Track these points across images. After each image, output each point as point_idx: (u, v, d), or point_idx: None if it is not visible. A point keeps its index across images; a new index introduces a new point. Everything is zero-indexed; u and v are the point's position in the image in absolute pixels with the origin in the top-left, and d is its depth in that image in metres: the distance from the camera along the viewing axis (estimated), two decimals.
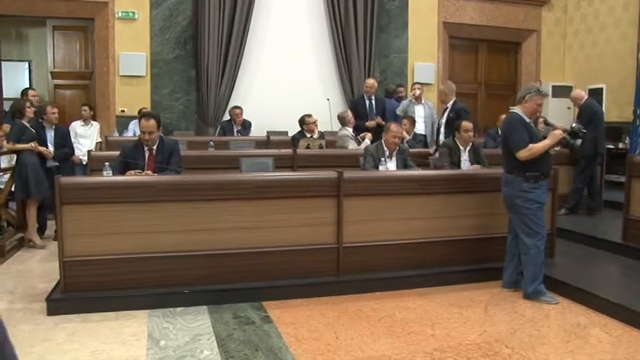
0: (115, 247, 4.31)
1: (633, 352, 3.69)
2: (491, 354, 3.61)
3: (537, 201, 4.54)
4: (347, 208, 4.78)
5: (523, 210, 4.54)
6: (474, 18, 10.82)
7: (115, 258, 4.31)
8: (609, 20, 10.51)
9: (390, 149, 5.83)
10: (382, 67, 10.20)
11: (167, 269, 4.40)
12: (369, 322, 4.12)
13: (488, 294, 4.77)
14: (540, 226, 4.59)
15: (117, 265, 4.32)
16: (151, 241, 4.37)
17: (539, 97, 4.59)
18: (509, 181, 4.63)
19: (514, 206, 4.60)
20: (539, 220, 4.57)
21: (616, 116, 10.15)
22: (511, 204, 4.62)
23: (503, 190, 4.70)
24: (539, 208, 4.57)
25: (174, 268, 4.42)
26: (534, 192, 4.54)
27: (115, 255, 4.31)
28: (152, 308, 4.26)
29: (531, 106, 4.59)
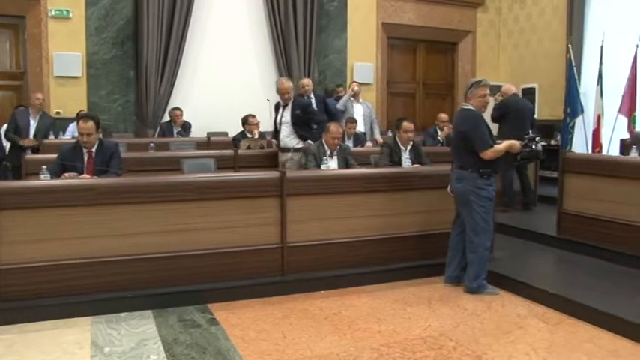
0: (55, 253, 4.18)
1: (569, 339, 3.87)
2: (436, 347, 3.69)
3: (489, 198, 4.65)
4: (290, 208, 4.79)
5: (475, 206, 4.63)
6: (412, 19, 11.02)
7: (55, 264, 4.17)
8: (540, 22, 10.90)
9: (330, 149, 5.88)
10: (322, 67, 10.27)
11: (109, 274, 4.30)
12: (316, 321, 4.15)
13: (431, 289, 4.87)
14: (489, 224, 4.72)
15: (57, 272, 4.18)
16: (92, 245, 4.26)
17: (481, 87, 4.69)
18: (463, 177, 4.69)
19: (468, 202, 4.66)
20: (489, 218, 4.69)
21: (548, 114, 10.54)
22: (465, 200, 4.69)
23: (456, 186, 4.75)
24: (491, 205, 4.69)
25: (117, 272, 4.32)
26: (487, 189, 4.65)
27: (55, 261, 4.17)
28: (95, 314, 4.15)
29: (478, 99, 4.69)
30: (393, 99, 11.13)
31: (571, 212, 5.95)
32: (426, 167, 5.90)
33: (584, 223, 5.77)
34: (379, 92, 10.77)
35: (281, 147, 6.45)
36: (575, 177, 5.95)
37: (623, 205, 5.39)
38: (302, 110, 6.45)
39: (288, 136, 6.41)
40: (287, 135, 6.40)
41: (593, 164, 5.92)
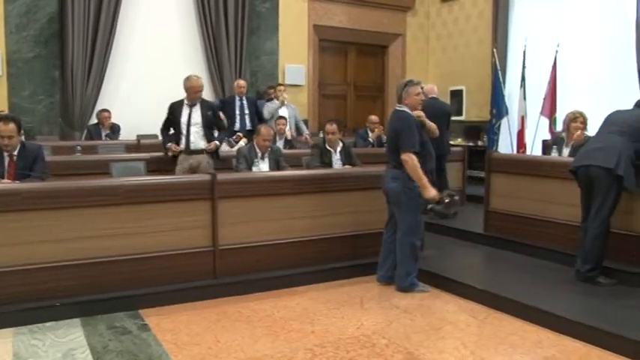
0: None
1: (496, 332, 4.02)
2: (369, 346, 3.74)
3: (420, 197, 4.70)
4: (222, 211, 4.76)
5: (407, 206, 4.69)
6: (343, 21, 11.12)
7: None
8: (467, 27, 11.22)
9: (262, 151, 5.87)
10: (253, 69, 10.21)
11: (33, 282, 4.13)
12: (249, 323, 4.13)
13: (364, 289, 4.94)
14: (420, 224, 4.81)
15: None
16: (15, 253, 4.09)
17: (413, 87, 4.77)
18: (397, 176, 4.72)
19: (399, 202, 4.72)
20: (419, 217, 4.78)
21: (475, 116, 10.87)
22: (397, 199, 4.74)
23: (390, 185, 4.78)
24: (421, 205, 4.75)
25: (42, 280, 4.15)
26: (418, 189, 4.70)
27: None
28: (18, 325, 3.98)
29: (413, 98, 4.75)
30: (325, 101, 11.20)
31: (497, 210, 6.16)
32: (357, 168, 5.97)
33: (510, 220, 5.99)
34: (310, 94, 10.81)
35: (191, 149, 6.11)
36: (500, 176, 6.16)
37: (544, 202, 5.62)
38: (213, 113, 6.26)
39: (199, 138, 6.14)
40: (198, 137, 6.13)
41: (517, 164, 6.15)
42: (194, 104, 6.09)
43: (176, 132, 6.13)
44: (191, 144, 6.09)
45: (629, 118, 4.76)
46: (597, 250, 4.66)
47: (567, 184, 5.08)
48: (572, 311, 4.13)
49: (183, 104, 6.11)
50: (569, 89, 8.89)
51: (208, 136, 6.18)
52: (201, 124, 6.10)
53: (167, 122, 6.22)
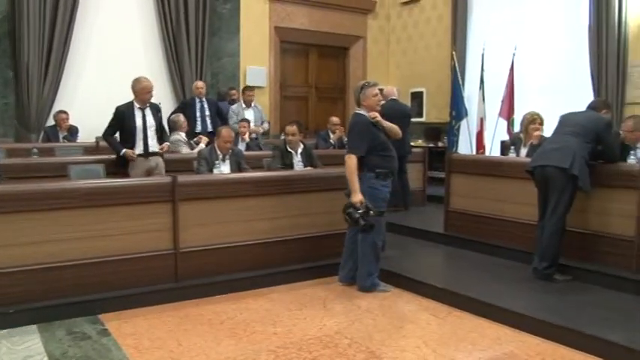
0: None
1: (457, 330, 4.09)
2: (331, 346, 3.76)
3: (383, 198, 4.76)
4: (183, 213, 4.71)
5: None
6: (304, 23, 11.13)
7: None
8: (427, 30, 11.36)
9: (223, 153, 5.85)
10: (214, 70, 10.15)
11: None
12: (212, 326, 4.11)
13: (326, 289, 4.96)
14: (382, 224, 4.85)
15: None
16: None
17: (370, 89, 4.79)
18: (359, 177, 4.73)
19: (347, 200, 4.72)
20: (382, 218, 4.81)
21: (435, 117, 11.00)
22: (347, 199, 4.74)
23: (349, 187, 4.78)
24: (384, 206, 4.79)
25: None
26: (382, 189, 4.76)
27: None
28: None
29: (371, 100, 4.78)
30: (286, 102, 11.20)
31: (457, 210, 6.25)
32: (318, 170, 5.99)
33: (469, 220, 6.09)
34: (272, 96, 10.79)
35: (149, 152, 6.02)
36: (460, 177, 6.26)
37: (503, 202, 5.73)
38: (161, 115, 6.19)
39: (155, 140, 6.05)
40: (155, 139, 6.04)
41: (476, 164, 6.26)
42: (145, 107, 5.99)
43: (126, 136, 5.99)
44: (149, 147, 6.01)
45: (583, 119, 4.89)
46: (553, 247, 4.78)
47: (525, 183, 5.19)
48: (530, 308, 4.22)
49: (134, 107, 5.96)
50: (527, 91, 9.08)
51: (159, 139, 6.11)
52: (155, 127, 6.02)
53: (114, 127, 6.03)
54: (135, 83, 5.97)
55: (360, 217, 4.59)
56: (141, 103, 5.96)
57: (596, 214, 4.96)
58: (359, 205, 4.60)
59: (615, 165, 4.90)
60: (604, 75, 8.18)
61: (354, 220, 4.62)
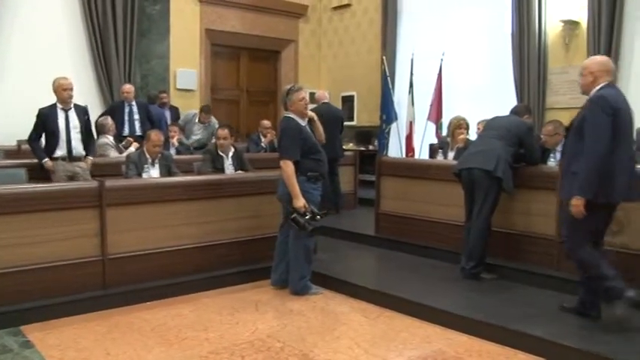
0: None
1: (387, 330, 4.17)
2: (264, 350, 3.75)
3: (314, 201, 4.77)
4: (111, 218, 4.59)
5: None
6: (236, 26, 11.05)
7: None
8: (358, 34, 11.50)
9: (152, 157, 5.74)
10: (143, 73, 9.92)
11: None
12: (142, 334, 4.02)
13: (258, 293, 4.95)
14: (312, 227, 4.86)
15: None
16: None
17: (296, 93, 4.80)
18: None
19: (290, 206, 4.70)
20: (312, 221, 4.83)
21: (366, 121, 11.15)
22: (288, 204, 4.74)
23: (283, 190, 4.78)
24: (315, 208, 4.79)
25: None
26: (313, 192, 4.78)
27: None
28: None
29: (297, 104, 4.78)
30: (217, 105, 11.04)
31: (387, 212, 6.36)
32: (249, 173, 5.97)
33: (399, 222, 6.20)
34: (202, 99, 10.64)
35: (73, 155, 5.85)
36: (390, 179, 6.37)
37: (431, 204, 5.87)
38: (87, 117, 6.01)
39: (79, 143, 5.87)
40: (79, 141, 5.86)
41: (405, 167, 6.40)
42: (69, 108, 5.83)
43: (49, 138, 5.82)
44: (73, 149, 5.83)
45: (507, 123, 5.08)
46: (480, 247, 4.93)
47: (452, 186, 5.34)
48: (458, 306, 4.35)
49: (57, 109, 5.81)
50: (454, 96, 9.34)
51: (85, 142, 5.94)
52: (79, 129, 5.85)
53: (38, 130, 5.86)
54: (53, 83, 5.84)
55: (307, 222, 4.59)
56: (63, 104, 5.80)
57: (519, 215, 5.15)
58: (303, 210, 4.60)
59: (537, 167, 5.12)
60: (526, 81, 8.52)
61: (300, 226, 4.61)
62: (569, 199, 3.78)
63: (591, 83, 3.88)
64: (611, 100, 3.73)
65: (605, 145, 3.67)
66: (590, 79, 3.88)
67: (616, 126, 3.70)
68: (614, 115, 3.70)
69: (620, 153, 3.74)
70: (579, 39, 8.16)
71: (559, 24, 8.30)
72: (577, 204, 3.73)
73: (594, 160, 3.69)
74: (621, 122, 3.74)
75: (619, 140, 3.72)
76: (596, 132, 3.70)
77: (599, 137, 3.69)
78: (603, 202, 3.76)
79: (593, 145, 3.70)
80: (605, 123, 3.68)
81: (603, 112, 3.70)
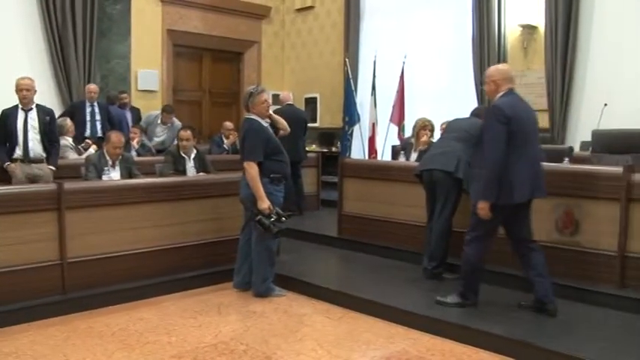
0: None
1: (351, 331, 4.19)
2: (227, 352, 3.73)
3: (277, 203, 4.75)
4: (70, 221, 4.50)
5: None
6: (198, 27, 10.97)
7: None
8: (321, 37, 11.54)
9: (112, 159, 5.66)
10: (104, 73, 9.76)
11: None
12: (102, 339, 3.95)
13: (221, 296, 4.92)
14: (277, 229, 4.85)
15: None
16: None
17: (258, 96, 4.78)
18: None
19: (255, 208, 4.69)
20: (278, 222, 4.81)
21: (329, 123, 11.19)
22: (252, 205, 4.72)
23: (245, 192, 4.76)
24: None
25: None
26: (276, 194, 4.76)
27: None
28: None
29: (259, 107, 4.77)
30: (179, 107, 10.92)
31: (350, 214, 6.39)
32: (211, 175, 5.94)
33: (361, 223, 6.23)
34: (164, 100, 10.51)
35: (30, 157, 5.74)
36: (352, 181, 6.40)
37: (393, 205, 5.91)
38: (51, 119, 5.87)
39: (38, 145, 5.76)
40: (37, 143, 5.75)
41: (367, 169, 6.43)
42: (30, 109, 5.72)
43: (7, 138, 5.72)
44: (30, 151, 5.71)
45: (467, 125, 5.15)
46: (442, 248, 4.99)
47: (413, 187, 5.39)
48: (421, 306, 4.38)
49: (18, 109, 5.73)
50: (416, 98, 9.44)
51: (45, 144, 5.80)
52: (38, 130, 5.72)
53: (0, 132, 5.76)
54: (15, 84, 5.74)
55: (272, 224, 4.58)
56: (24, 105, 5.71)
57: None
58: (268, 212, 4.59)
59: None
60: None
61: (266, 228, 4.59)
62: (477, 201, 4.07)
63: (494, 91, 4.18)
64: (505, 109, 3.98)
65: (501, 152, 3.95)
66: (493, 87, 4.18)
67: (513, 132, 3.96)
68: (508, 123, 3.95)
69: (520, 156, 4.00)
70: (537, 43, 8.35)
71: (518, 28, 8.48)
72: (482, 207, 4.02)
73: (492, 167, 3.97)
74: (518, 128, 3.99)
75: (517, 144, 3.99)
76: (492, 140, 3.99)
77: (495, 146, 3.97)
78: (505, 203, 4.01)
79: (490, 154, 3.99)
80: (500, 132, 3.95)
81: (498, 122, 3.96)
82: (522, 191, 4.03)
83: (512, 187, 3.99)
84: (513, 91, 4.17)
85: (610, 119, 7.09)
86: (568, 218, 4.68)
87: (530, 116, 4.20)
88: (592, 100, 7.70)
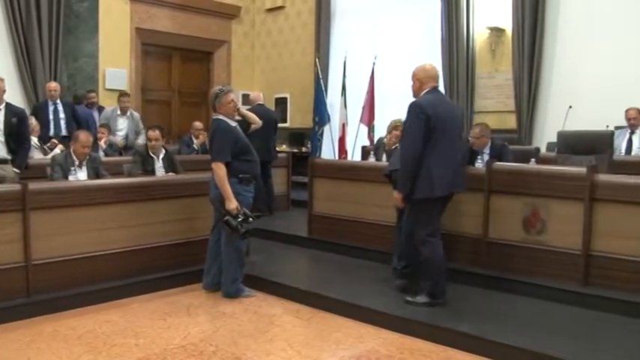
0: None
1: (321, 331, 4.20)
2: (196, 354, 3.71)
3: (246, 203, 4.73)
4: (35, 223, 4.41)
5: None
6: (167, 26, 10.86)
7: None
8: (291, 36, 11.53)
9: (79, 159, 5.57)
10: (71, 72, 9.60)
11: None
12: (68, 342, 3.89)
13: (190, 297, 4.88)
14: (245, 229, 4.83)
15: None
16: None
17: (225, 95, 4.76)
18: None
19: (223, 209, 4.67)
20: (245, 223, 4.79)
21: (299, 123, 11.19)
22: (220, 206, 4.70)
23: (213, 192, 4.74)
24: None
25: None
26: (245, 194, 4.74)
27: None
28: None
29: (226, 107, 4.75)
30: (148, 106, 10.85)
31: (319, 214, 6.39)
32: (180, 175, 5.89)
33: (332, 223, 6.24)
34: (133, 99, 10.33)
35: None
36: (322, 181, 6.41)
37: (363, 205, 5.93)
38: (19, 120, 5.63)
39: (2, 146, 5.57)
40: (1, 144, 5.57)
41: (336, 169, 6.44)
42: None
43: None
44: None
45: None
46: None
47: (383, 187, 5.39)
48: (390, 306, 4.41)
49: None
50: (386, 99, 9.49)
51: (11, 146, 5.62)
52: (2, 131, 5.57)
53: None
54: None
55: (239, 225, 4.56)
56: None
57: (448, 215, 5.24)
58: (236, 213, 4.57)
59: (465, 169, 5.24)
60: (455, 85, 8.77)
61: (233, 229, 4.57)
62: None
63: (418, 89, 4.37)
64: (425, 106, 4.16)
65: (417, 147, 4.14)
66: (418, 85, 4.38)
67: (432, 128, 4.13)
68: (427, 120, 4.11)
69: (439, 152, 4.18)
70: (505, 45, 8.48)
71: (486, 30, 8.60)
72: (397, 197, 4.36)
73: (407, 161, 4.20)
74: (437, 125, 4.15)
75: (436, 141, 4.17)
76: (410, 135, 4.20)
77: (412, 140, 4.16)
78: (424, 196, 4.22)
79: (407, 148, 4.22)
80: (418, 127, 4.13)
81: (417, 118, 4.14)
82: (442, 186, 4.19)
83: (432, 182, 4.16)
84: (437, 90, 4.36)
85: (575, 121, 7.24)
86: (535, 217, 4.76)
87: (453, 115, 4.38)
88: (558, 101, 7.85)
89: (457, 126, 4.46)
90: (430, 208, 4.31)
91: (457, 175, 4.35)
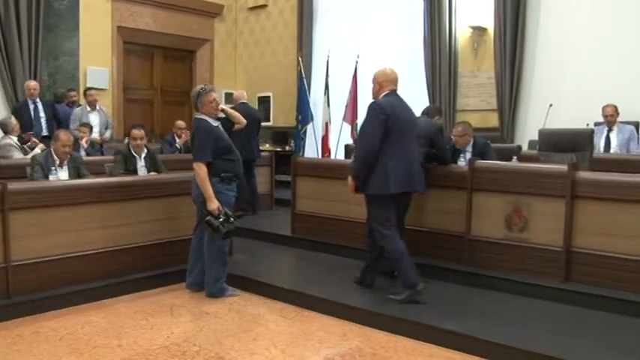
0: None
1: (305, 329, 4.20)
2: (179, 354, 3.69)
3: (228, 203, 4.72)
4: (14, 223, 4.35)
5: None
6: (149, 24, 10.79)
7: None
8: (274, 35, 11.51)
9: (60, 158, 5.51)
10: (51, 70, 9.49)
11: None
12: (49, 344, 3.85)
13: (173, 297, 4.86)
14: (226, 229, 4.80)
15: None
16: None
17: (207, 94, 4.74)
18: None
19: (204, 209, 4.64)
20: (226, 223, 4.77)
21: (282, 122, 11.17)
22: (201, 206, 4.68)
23: (195, 191, 4.72)
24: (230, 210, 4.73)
25: None
26: (227, 193, 4.72)
27: None
28: None
29: (208, 107, 4.73)
30: (130, 105, 10.78)
31: (303, 212, 6.39)
32: (163, 175, 5.85)
33: (315, 222, 6.24)
34: (115, 98, 10.33)
35: None
36: (305, 180, 6.41)
37: (345, 203, 5.89)
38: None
39: None
40: None
41: (319, 167, 6.45)
42: None
43: None
44: None
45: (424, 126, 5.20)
46: None
47: None
48: (374, 304, 4.43)
49: None
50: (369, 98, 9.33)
51: None
52: None
53: None
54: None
55: (220, 225, 4.54)
56: None
57: (431, 213, 5.30)
58: (217, 213, 4.55)
59: (447, 167, 5.28)
60: (437, 84, 8.81)
61: (214, 229, 4.55)
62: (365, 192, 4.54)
63: (377, 91, 4.55)
64: (385, 107, 4.36)
65: (374, 145, 4.31)
66: (377, 88, 4.55)
67: (390, 128, 4.31)
68: (386, 120, 4.30)
69: (395, 151, 4.35)
70: (487, 44, 8.53)
71: (468, 30, 8.64)
72: (350, 183, 4.55)
73: (363, 157, 4.39)
74: (394, 125, 4.32)
75: (393, 141, 4.34)
76: (367, 130, 4.40)
77: (370, 137, 4.34)
78: (379, 192, 4.39)
79: (363, 140, 4.45)
80: (377, 126, 4.31)
81: (377, 117, 4.33)
82: (397, 183, 4.35)
83: (387, 179, 4.32)
84: (395, 93, 4.52)
85: (555, 119, 7.31)
86: (517, 215, 4.80)
87: (411, 119, 4.57)
88: (539, 100, 7.92)
89: (413, 128, 4.58)
90: (386, 204, 4.44)
91: (414, 175, 4.48)
